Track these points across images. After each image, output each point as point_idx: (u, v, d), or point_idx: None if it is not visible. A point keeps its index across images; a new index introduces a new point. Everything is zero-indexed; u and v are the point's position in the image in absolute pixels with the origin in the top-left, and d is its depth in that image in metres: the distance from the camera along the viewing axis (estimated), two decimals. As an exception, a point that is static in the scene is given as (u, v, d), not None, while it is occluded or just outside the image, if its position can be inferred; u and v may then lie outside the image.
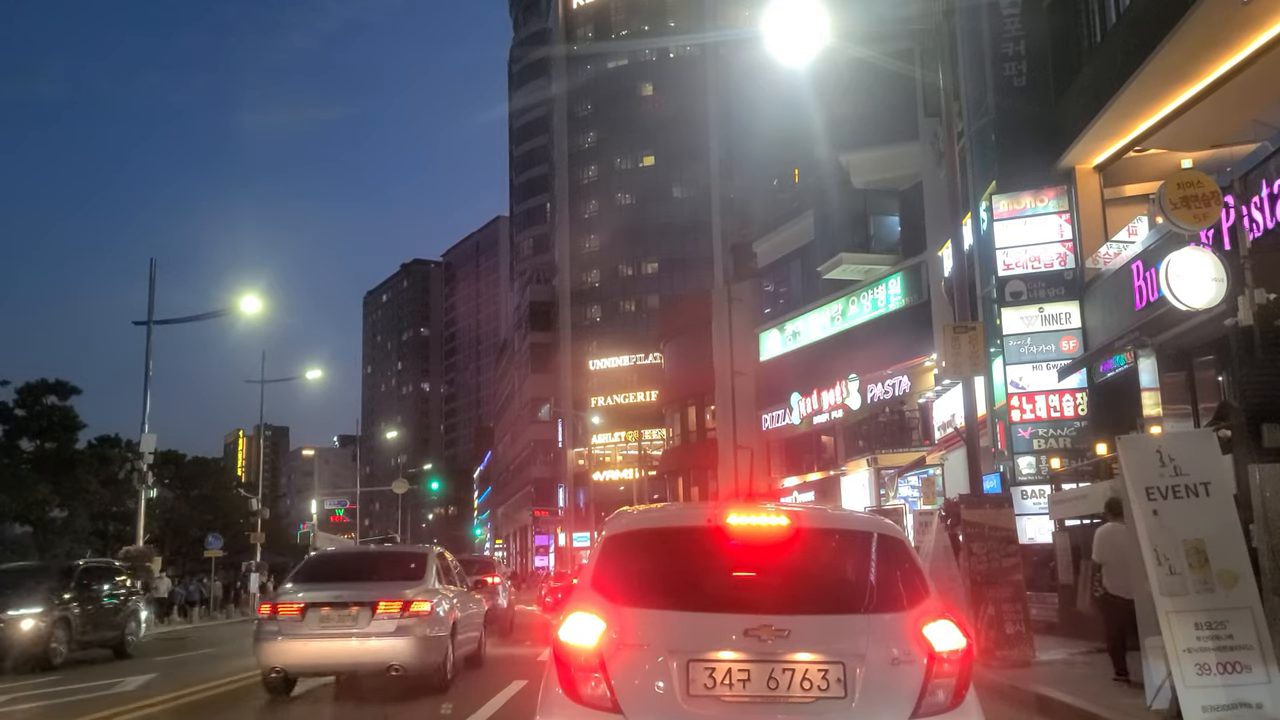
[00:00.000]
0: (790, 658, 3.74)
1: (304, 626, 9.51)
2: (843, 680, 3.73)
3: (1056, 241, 17.36)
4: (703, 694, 3.73)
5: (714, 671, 3.75)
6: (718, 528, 4.11)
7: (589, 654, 3.83)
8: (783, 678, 3.73)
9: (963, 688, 3.82)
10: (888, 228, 31.63)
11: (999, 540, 11.19)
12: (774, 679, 3.73)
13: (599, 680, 3.79)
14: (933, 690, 3.76)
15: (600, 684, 3.78)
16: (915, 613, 3.93)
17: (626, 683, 3.78)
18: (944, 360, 13.93)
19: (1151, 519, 6.50)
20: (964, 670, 3.84)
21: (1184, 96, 14.08)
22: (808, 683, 3.73)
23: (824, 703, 3.71)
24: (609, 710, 3.76)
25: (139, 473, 26.31)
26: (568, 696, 3.82)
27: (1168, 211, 9.06)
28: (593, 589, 4.08)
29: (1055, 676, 9.79)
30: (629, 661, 3.81)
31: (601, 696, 3.77)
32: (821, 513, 5.04)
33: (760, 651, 3.74)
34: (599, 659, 3.81)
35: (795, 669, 3.74)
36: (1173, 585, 6.33)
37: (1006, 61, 17.67)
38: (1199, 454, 6.76)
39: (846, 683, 3.72)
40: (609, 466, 71.57)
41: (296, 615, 9.59)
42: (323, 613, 9.54)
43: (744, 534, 4.07)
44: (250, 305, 29.86)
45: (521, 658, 13.85)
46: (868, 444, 30.15)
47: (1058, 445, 17.00)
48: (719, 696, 3.73)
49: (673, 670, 3.76)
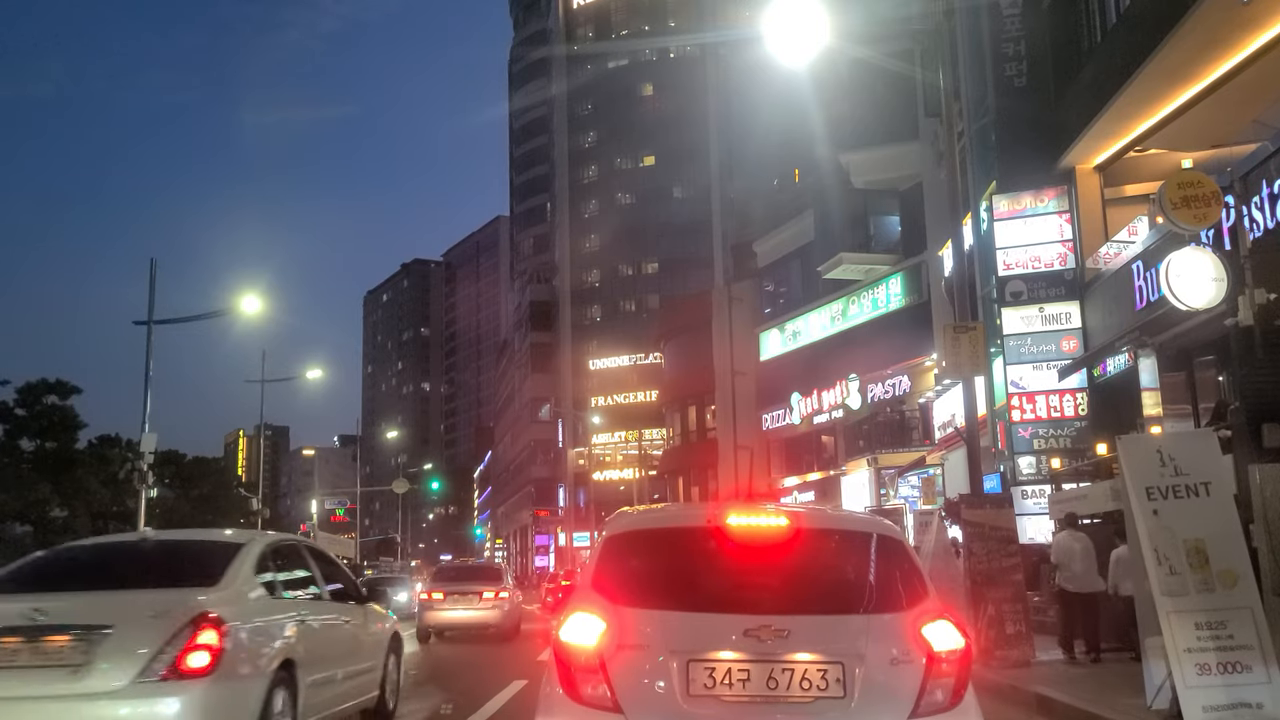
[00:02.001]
0: (790, 658, 3.74)
1: (444, 604, 18.00)
2: (842, 680, 3.72)
3: (1057, 241, 17.37)
4: (703, 694, 3.73)
5: (714, 671, 3.75)
6: (717, 528, 4.12)
7: (589, 654, 3.82)
8: (782, 678, 3.73)
9: (961, 687, 3.82)
10: (888, 228, 31.63)
11: (999, 540, 11.19)
12: (773, 679, 3.72)
13: (599, 680, 3.78)
14: (931, 690, 3.75)
15: (600, 684, 3.77)
16: (914, 613, 3.92)
17: (627, 683, 3.77)
18: (944, 360, 13.93)
19: (1152, 519, 6.50)
20: (963, 670, 3.84)
21: (1184, 97, 14.08)
22: (807, 683, 3.72)
23: (823, 703, 3.71)
24: (609, 710, 3.75)
25: (139, 472, 26.24)
26: (568, 696, 3.81)
27: (1168, 211, 9.07)
28: (593, 589, 4.07)
29: (1055, 676, 9.81)
30: (629, 662, 3.80)
31: (602, 696, 3.76)
32: (821, 513, 5.01)
33: (760, 652, 3.73)
34: (599, 659, 3.80)
35: (795, 669, 3.73)
36: (1173, 585, 6.32)
37: (1007, 61, 17.67)
38: (1199, 454, 6.75)
39: (846, 683, 3.72)
40: (609, 466, 71.53)
41: (441, 598, 18.15)
42: (453, 597, 18.11)
43: (744, 535, 4.08)
44: (250, 305, 29.79)
45: (522, 657, 13.88)
46: (868, 444, 30.14)
47: (1058, 445, 17.01)
48: (719, 696, 3.73)
49: (673, 670, 3.75)
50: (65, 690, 5.15)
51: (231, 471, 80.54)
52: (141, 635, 5.29)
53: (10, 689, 5.18)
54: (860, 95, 28.22)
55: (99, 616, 5.37)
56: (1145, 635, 6.75)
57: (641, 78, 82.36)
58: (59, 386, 38.72)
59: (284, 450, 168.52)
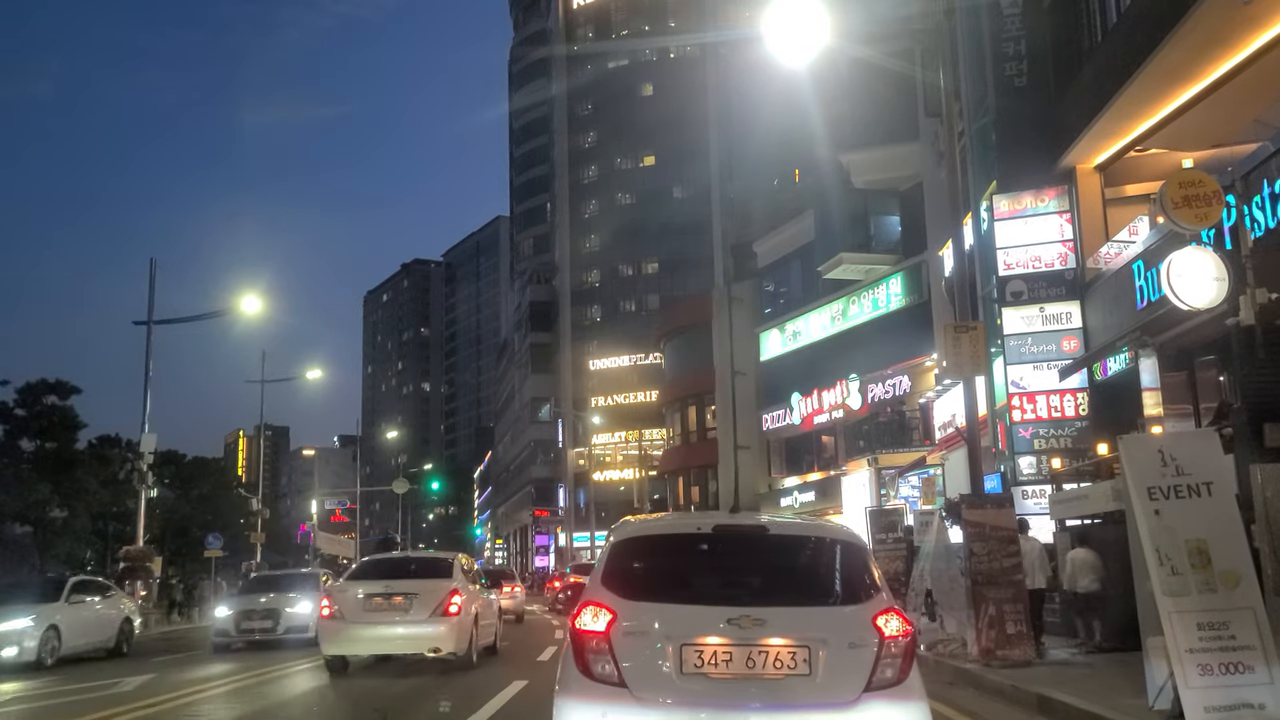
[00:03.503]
0: (765, 642, 4.41)
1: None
2: (808, 660, 4.39)
3: (1057, 241, 17.34)
4: (693, 672, 4.41)
5: (702, 653, 4.43)
6: (707, 535, 5.01)
7: (600, 639, 4.52)
8: (759, 658, 4.40)
9: (907, 666, 4.49)
10: (888, 228, 31.61)
11: (1000, 540, 11.16)
12: (752, 659, 4.40)
13: (608, 660, 4.48)
14: (882, 669, 4.42)
15: (609, 664, 4.47)
16: (869, 605, 4.61)
17: (630, 663, 4.47)
18: (945, 360, 13.91)
19: (1153, 519, 6.48)
20: (908, 652, 4.51)
21: (1185, 96, 14.06)
22: (779, 663, 4.39)
23: (792, 679, 4.38)
24: (616, 685, 4.44)
25: (139, 473, 26.26)
26: (582, 674, 4.51)
27: (1169, 211, 9.05)
28: (603, 585, 4.77)
29: (1056, 676, 9.78)
30: (632, 645, 4.49)
31: (610, 674, 4.46)
32: (793, 523, 5.66)
33: (740, 637, 4.41)
34: (608, 643, 4.50)
35: (769, 651, 4.40)
36: (1175, 585, 6.30)
37: (1007, 61, 17.65)
38: (1201, 454, 6.73)
39: (811, 662, 4.39)
40: (609, 466, 71.48)
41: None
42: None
43: (728, 540, 4.91)
44: (250, 305, 29.85)
45: (522, 658, 13.85)
46: (868, 444, 30.10)
47: (1058, 445, 16.98)
48: (706, 674, 4.41)
49: (669, 653, 4.44)
50: (401, 621, 11.92)
51: (231, 472, 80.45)
52: (427, 599, 11.95)
53: (383, 621, 11.89)
54: (860, 95, 28.19)
55: (413, 589, 12.18)
56: (1146, 635, 6.72)
57: (641, 78, 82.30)
58: (59, 387, 38.75)
59: (284, 450, 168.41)
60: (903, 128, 26.52)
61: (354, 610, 11.80)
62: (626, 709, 4.39)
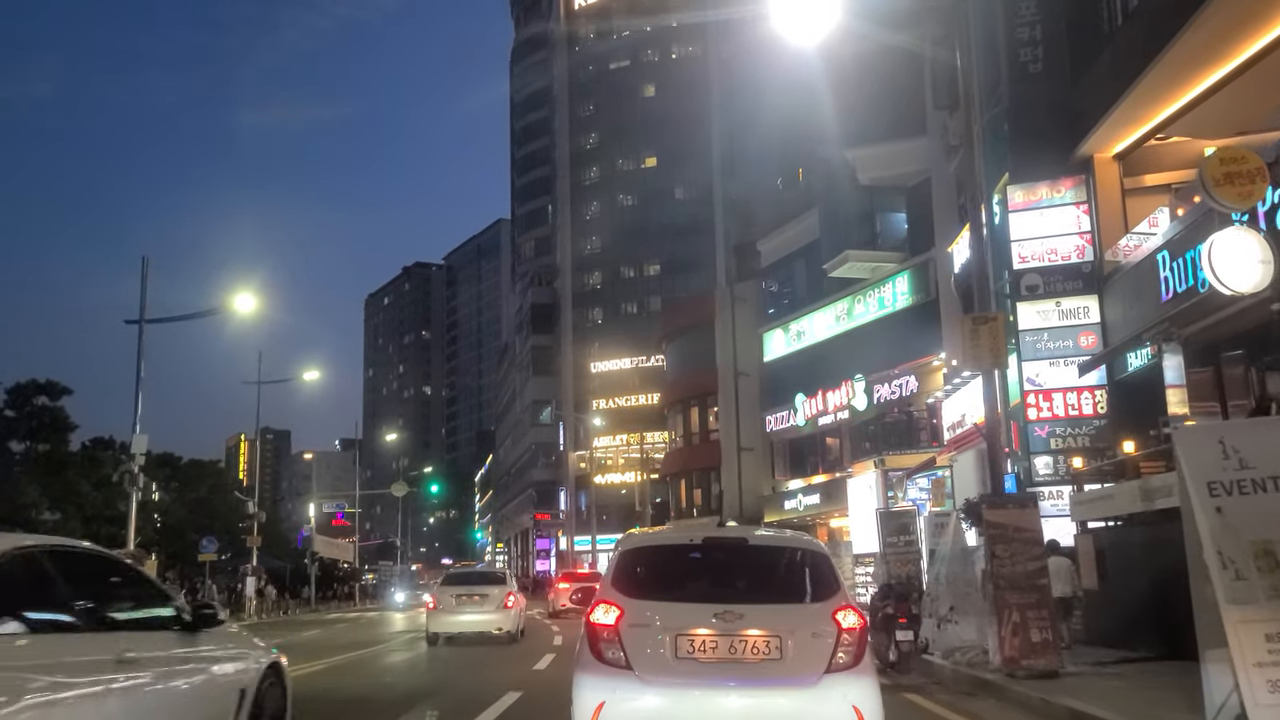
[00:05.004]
0: (745, 633, 5.38)
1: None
2: (779, 647, 5.37)
3: (1074, 233, 16.76)
4: (686, 657, 5.38)
5: (694, 642, 5.39)
6: (697, 545, 6.31)
7: (610, 630, 5.50)
8: (739, 646, 5.37)
9: (861, 653, 5.45)
10: (894, 225, 31.07)
11: (1023, 543, 10.52)
12: (734, 647, 5.37)
13: (617, 648, 5.44)
14: (839, 655, 5.36)
15: (618, 650, 5.44)
16: (830, 603, 5.57)
17: (635, 649, 5.43)
18: (963, 352, 13.28)
19: (1215, 518, 5.81)
20: (861, 641, 5.47)
21: (1210, 80, 13.48)
22: (756, 649, 5.36)
23: (766, 663, 5.35)
24: (623, 668, 5.40)
25: (129, 474, 25.61)
26: (596, 659, 5.49)
27: (1210, 189, 8.43)
28: (612, 587, 5.77)
29: (1087, 688, 9.13)
30: (637, 635, 5.47)
31: (619, 659, 5.43)
32: (769, 535, 6.68)
33: (725, 629, 5.38)
34: (617, 633, 5.48)
35: (748, 640, 5.37)
36: (1240, 592, 5.64)
37: (1022, 46, 17.04)
38: (1267, 445, 6.04)
39: (782, 649, 5.36)
40: (611, 469, 70.88)
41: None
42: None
43: (715, 550, 6.15)
44: (244, 304, 29.17)
45: (519, 664, 13.36)
46: (874, 445, 29.42)
47: (1076, 444, 16.37)
48: (697, 658, 5.37)
49: (666, 641, 5.41)
50: (479, 611, 18.03)
51: (230, 474, 79.85)
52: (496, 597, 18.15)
53: (467, 611, 18.07)
54: (866, 90, 27.62)
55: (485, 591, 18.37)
56: (1206, 647, 6.06)
57: (643, 78, 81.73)
58: (49, 387, 38.13)
59: (285, 454, 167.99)
60: (909, 123, 25.97)
61: (448, 603, 18.08)
62: (632, 686, 5.34)
